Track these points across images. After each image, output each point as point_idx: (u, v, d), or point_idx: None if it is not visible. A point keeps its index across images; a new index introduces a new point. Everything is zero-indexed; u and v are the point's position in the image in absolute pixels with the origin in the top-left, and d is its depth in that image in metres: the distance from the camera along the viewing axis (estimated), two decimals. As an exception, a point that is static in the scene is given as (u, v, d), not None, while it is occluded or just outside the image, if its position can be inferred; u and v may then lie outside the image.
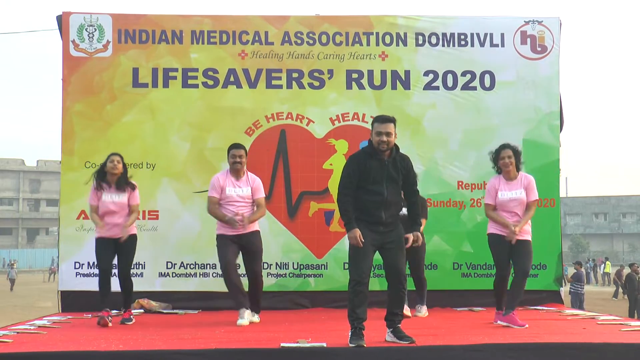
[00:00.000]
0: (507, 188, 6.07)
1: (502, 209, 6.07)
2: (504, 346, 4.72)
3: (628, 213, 65.68)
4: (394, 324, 4.97)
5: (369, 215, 4.96)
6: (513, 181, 6.09)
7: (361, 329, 4.81)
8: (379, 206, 4.94)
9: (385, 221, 4.95)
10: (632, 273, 17.06)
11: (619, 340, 4.97)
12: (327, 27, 7.97)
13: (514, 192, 6.05)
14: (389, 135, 4.94)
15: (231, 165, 6.36)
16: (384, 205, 4.94)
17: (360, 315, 4.85)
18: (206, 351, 4.60)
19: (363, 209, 4.98)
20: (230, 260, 6.27)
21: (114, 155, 6.44)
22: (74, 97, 7.76)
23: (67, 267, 7.60)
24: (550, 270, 7.81)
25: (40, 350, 4.67)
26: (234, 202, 6.27)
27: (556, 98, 8.01)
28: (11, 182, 64.26)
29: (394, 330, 4.96)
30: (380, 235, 4.97)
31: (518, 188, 6.06)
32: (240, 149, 6.37)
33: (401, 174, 5.04)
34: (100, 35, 7.81)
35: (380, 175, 4.95)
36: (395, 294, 5.01)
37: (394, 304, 5.01)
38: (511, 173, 6.09)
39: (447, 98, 7.94)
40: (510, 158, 6.06)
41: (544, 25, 8.06)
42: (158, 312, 7.29)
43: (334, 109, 7.91)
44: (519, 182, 6.09)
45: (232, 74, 7.88)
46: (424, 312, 6.88)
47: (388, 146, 4.95)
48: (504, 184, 6.09)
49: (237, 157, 6.31)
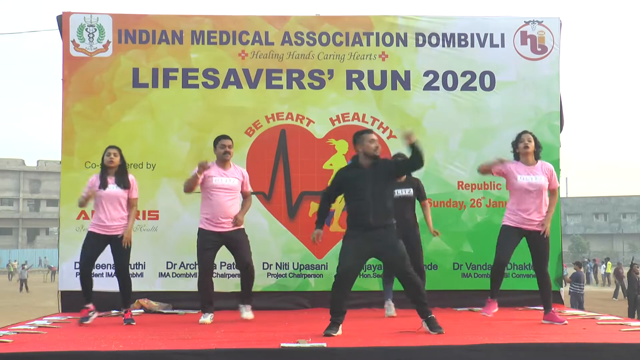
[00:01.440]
0: (526, 172, 5.97)
1: (520, 195, 5.94)
2: (504, 346, 4.72)
3: (628, 213, 65.69)
4: (425, 315, 5.31)
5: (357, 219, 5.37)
6: (532, 166, 6.01)
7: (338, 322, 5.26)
8: (366, 211, 5.29)
9: (373, 225, 5.30)
10: (633, 273, 17.06)
11: (619, 340, 4.96)
12: (327, 27, 7.98)
13: (533, 176, 5.94)
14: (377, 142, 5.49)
15: (220, 156, 6.39)
16: (371, 210, 5.29)
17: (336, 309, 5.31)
18: (206, 351, 4.60)
19: (351, 214, 5.46)
20: (208, 267, 6.36)
21: (110, 149, 6.41)
22: (74, 97, 7.75)
23: (67, 267, 7.60)
24: (551, 270, 7.71)
25: (40, 350, 4.67)
26: (219, 191, 6.29)
27: (556, 98, 8.01)
28: (11, 182, 64.31)
29: (428, 320, 5.29)
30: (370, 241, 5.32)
31: (538, 174, 5.98)
32: (228, 139, 6.45)
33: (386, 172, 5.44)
34: (100, 35, 7.81)
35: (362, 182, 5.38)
36: (409, 285, 5.33)
37: (413, 295, 5.35)
38: (530, 158, 6.02)
39: (447, 98, 7.93)
40: (531, 142, 6.01)
41: (544, 25, 8.06)
42: (158, 312, 7.29)
43: (334, 109, 7.91)
44: (539, 169, 6.01)
45: (232, 74, 7.88)
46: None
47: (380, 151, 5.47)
48: (523, 168, 6.00)
49: (227, 147, 6.38)
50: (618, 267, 25.91)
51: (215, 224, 6.30)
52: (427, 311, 5.32)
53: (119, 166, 6.39)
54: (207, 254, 6.35)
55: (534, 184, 5.95)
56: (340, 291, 5.37)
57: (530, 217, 5.95)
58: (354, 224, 5.42)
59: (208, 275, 6.39)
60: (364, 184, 5.34)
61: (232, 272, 7.53)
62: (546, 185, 6.00)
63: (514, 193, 6.04)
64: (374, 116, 7.88)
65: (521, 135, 6.11)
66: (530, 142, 6.02)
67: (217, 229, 6.30)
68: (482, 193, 7.83)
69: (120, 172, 6.38)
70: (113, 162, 6.34)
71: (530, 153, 6.03)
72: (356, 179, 5.41)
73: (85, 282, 6.31)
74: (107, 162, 6.34)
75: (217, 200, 6.28)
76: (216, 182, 6.31)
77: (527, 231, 5.98)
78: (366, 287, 7.47)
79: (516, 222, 5.99)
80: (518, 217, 5.98)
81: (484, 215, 7.84)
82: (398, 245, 5.37)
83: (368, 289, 7.45)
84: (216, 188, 6.30)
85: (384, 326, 5.96)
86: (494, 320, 6.05)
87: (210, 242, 6.32)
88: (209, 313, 6.35)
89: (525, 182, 5.95)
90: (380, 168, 5.43)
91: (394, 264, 5.44)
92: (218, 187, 6.31)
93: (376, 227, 5.30)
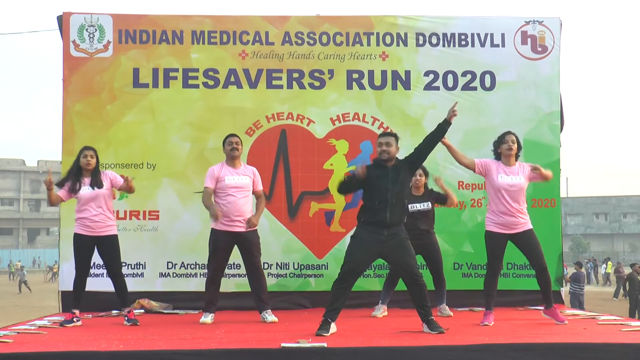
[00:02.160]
0: (507, 172, 6.01)
1: (501, 195, 5.94)
2: (504, 346, 4.72)
3: (629, 213, 65.66)
4: (426, 317, 5.39)
5: (374, 216, 5.42)
6: (512, 167, 6.06)
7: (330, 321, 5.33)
8: (385, 209, 5.36)
9: (389, 223, 5.38)
10: (633, 273, 17.06)
11: (619, 340, 4.97)
12: (327, 27, 7.97)
13: (513, 177, 5.99)
14: (388, 145, 5.53)
15: (229, 153, 6.40)
16: (389, 209, 5.38)
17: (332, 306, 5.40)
18: (206, 351, 4.61)
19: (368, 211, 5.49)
20: (220, 267, 6.39)
21: (86, 150, 6.33)
22: (74, 97, 7.75)
23: (67, 268, 7.58)
24: (551, 270, 7.73)
25: (40, 350, 4.67)
26: (232, 190, 6.29)
27: (557, 98, 8.00)
28: (12, 183, 64.31)
29: (428, 322, 5.37)
30: (381, 243, 5.40)
31: (518, 174, 6.02)
32: (236, 136, 6.48)
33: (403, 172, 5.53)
34: (100, 35, 7.81)
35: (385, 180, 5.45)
36: (414, 288, 5.41)
37: (417, 297, 5.42)
38: (511, 159, 6.07)
39: (448, 98, 7.91)
40: (514, 144, 6.06)
41: (544, 25, 8.05)
42: (158, 312, 7.29)
43: (334, 109, 7.91)
44: (519, 169, 6.06)
45: (233, 74, 7.88)
46: (446, 312, 6.84)
47: (389, 155, 5.52)
48: (504, 168, 6.04)
49: (234, 143, 6.39)
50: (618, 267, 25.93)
51: (228, 223, 6.28)
52: (428, 314, 5.39)
53: (95, 167, 6.32)
54: (220, 254, 6.34)
55: (515, 184, 5.98)
56: (340, 289, 5.40)
57: (512, 218, 5.97)
58: (369, 221, 5.47)
59: (219, 275, 6.41)
60: (386, 184, 5.43)
61: (233, 272, 7.53)
62: (525, 186, 6.06)
63: (494, 193, 6.05)
64: (374, 116, 7.88)
65: (505, 136, 6.14)
66: (514, 143, 6.07)
67: (230, 228, 6.28)
68: (482, 193, 7.81)
69: (96, 173, 6.29)
70: (90, 164, 6.27)
71: (513, 155, 6.08)
72: (379, 177, 5.47)
73: (77, 288, 6.31)
74: (85, 163, 6.26)
75: (230, 199, 6.28)
76: (229, 181, 6.31)
77: (513, 235, 6.01)
78: (366, 287, 7.46)
79: (500, 226, 6.00)
80: (501, 221, 5.99)
81: (484, 215, 7.74)
82: (407, 246, 5.45)
83: (368, 289, 7.44)
84: (229, 188, 6.30)
85: (384, 326, 5.97)
86: (494, 320, 6.05)
87: (224, 241, 6.31)
88: (210, 313, 6.34)
89: (505, 182, 5.99)
90: (401, 168, 5.55)
91: (400, 265, 5.50)
92: (231, 186, 6.31)
93: (391, 225, 5.39)
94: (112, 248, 6.31)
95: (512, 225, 5.98)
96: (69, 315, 6.28)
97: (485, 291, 6.15)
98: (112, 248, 6.31)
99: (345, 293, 5.42)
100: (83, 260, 6.28)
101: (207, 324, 6.20)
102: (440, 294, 6.94)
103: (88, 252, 6.28)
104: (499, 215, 5.99)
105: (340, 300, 5.39)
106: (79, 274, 6.29)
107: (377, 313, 6.89)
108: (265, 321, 6.28)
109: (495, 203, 6.04)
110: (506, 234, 6.01)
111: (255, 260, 6.40)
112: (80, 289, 6.32)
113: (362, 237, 5.46)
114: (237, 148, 6.41)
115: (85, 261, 6.29)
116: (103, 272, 7.39)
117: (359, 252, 5.41)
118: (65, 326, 6.09)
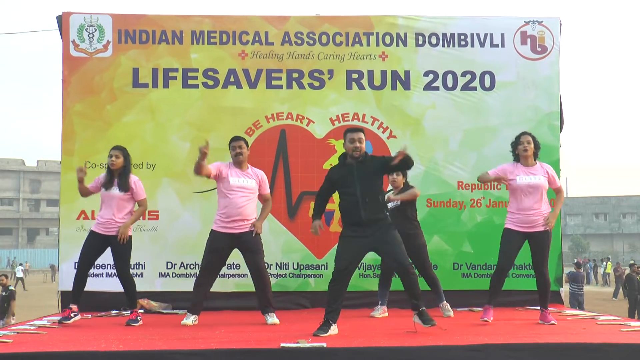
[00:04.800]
0: (525, 172, 6.05)
1: (520, 196, 6.01)
2: (504, 346, 4.72)
3: (628, 213, 65.67)
4: (417, 307, 5.40)
5: (350, 217, 5.47)
6: (531, 167, 6.10)
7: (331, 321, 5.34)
8: (356, 207, 5.39)
9: (365, 221, 5.39)
10: (632, 273, 17.06)
11: (619, 340, 4.97)
12: (327, 28, 7.98)
13: (532, 176, 6.03)
14: (361, 141, 5.53)
15: (234, 157, 6.35)
16: (361, 206, 5.39)
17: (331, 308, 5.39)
18: (206, 351, 4.60)
19: (343, 212, 5.58)
20: (209, 268, 6.28)
21: (113, 150, 6.38)
22: (74, 97, 7.76)
23: (67, 267, 7.58)
24: (550, 270, 7.74)
25: (40, 350, 4.67)
26: (236, 190, 6.23)
27: (556, 98, 8.01)
28: (11, 182, 64.30)
29: (419, 313, 5.38)
30: (366, 239, 5.41)
31: (537, 174, 6.06)
32: (240, 140, 6.40)
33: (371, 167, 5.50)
34: (100, 35, 7.81)
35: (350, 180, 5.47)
36: (406, 277, 5.40)
37: (409, 287, 5.42)
38: (529, 159, 6.11)
39: (447, 98, 7.94)
40: (530, 144, 6.09)
41: (544, 25, 8.06)
42: (158, 312, 7.29)
43: (334, 109, 7.92)
44: (538, 169, 6.10)
45: (232, 74, 7.88)
46: (447, 312, 6.80)
47: (361, 152, 5.50)
48: (522, 169, 6.08)
49: (238, 147, 6.32)
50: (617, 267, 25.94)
51: (228, 224, 6.21)
52: (419, 304, 5.40)
53: (123, 167, 6.33)
54: (211, 255, 6.26)
55: (533, 184, 6.01)
56: (336, 289, 5.42)
57: (531, 217, 5.99)
58: (346, 221, 5.55)
59: (205, 277, 6.29)
60: (352, 181, 5.45)
61: (232, 272, 7.54)
62: (546, 186, 6.08)
63: (514, 194, 6.11)
64: (374, 116, 7.89)
65: (520, 137, 6.18)
66: (529, 144, 6.10)
67: (230, 230, 6.20)
68: (482, 193, 7.84)
69: (123, 174, 6.31)
70: (114, 164, 6.30)
71: (529, 155, 6.11)
72: (345, 176, 5.52)
73: (78, 282, 6.30)
74: (109, 163, 6.32)
75: (232, 200, 6.22)
76: (233, 182, 6.26)
77: (530, 233, 6.03)
78: (366, 287, 7.47)
79: (518, 224, 6.04)
80: (519, 219, 6.03)
81: (484, 215, 7.85)
82: (394, 237, 5.44)
83: (368, 289, 7.45)
84: (232, 188, 6.25)
85: (384, 326, 5.97)
86: (494, 320, 6.05)
87: (220, 243, 6.23)
88: (193, 315, 6.21)
89: (524, 182, 6.02)
90: (368, 164, 5.52)
91: (389, 256, 5.51)
92: (234, 187, 6.25)
93: (368, 222, 5.39)
94: (123, 246, 6.26)
95: (529, 224, 6.01)
96: (66, 311, 6.27)
97: (490, 284, 6.22)
98: (123, 246, 6.26)
99: (342, 293, 5.43)
100: (87, 255, 6.29)
101: (189, 325, 6.05)
102: (436, 292, 6.90)
103: (94, 249, 6.30)
104: (517, 213, 6.05)
105: (339, 301, 5.40)
106: (80, 269, 6.30)
107: (375, 313, 6.89)
108: (267, 322, 6.23)
109: (514, 202, 6.10)
110: (522, 232, 6.02)
111: (257, 263, 6.29)
112: (80, 284, 6.30)
113: (348, 236, 5.49)
114: (242, 152, 6.32)
115: (89, 257, 6.31)
116: (103, 272, 7.44)
117: (347, 251, 5.44)
118: (63, 323, 6.09)
